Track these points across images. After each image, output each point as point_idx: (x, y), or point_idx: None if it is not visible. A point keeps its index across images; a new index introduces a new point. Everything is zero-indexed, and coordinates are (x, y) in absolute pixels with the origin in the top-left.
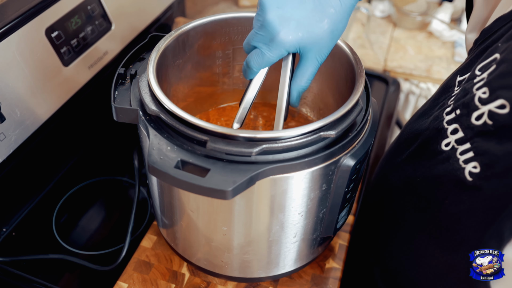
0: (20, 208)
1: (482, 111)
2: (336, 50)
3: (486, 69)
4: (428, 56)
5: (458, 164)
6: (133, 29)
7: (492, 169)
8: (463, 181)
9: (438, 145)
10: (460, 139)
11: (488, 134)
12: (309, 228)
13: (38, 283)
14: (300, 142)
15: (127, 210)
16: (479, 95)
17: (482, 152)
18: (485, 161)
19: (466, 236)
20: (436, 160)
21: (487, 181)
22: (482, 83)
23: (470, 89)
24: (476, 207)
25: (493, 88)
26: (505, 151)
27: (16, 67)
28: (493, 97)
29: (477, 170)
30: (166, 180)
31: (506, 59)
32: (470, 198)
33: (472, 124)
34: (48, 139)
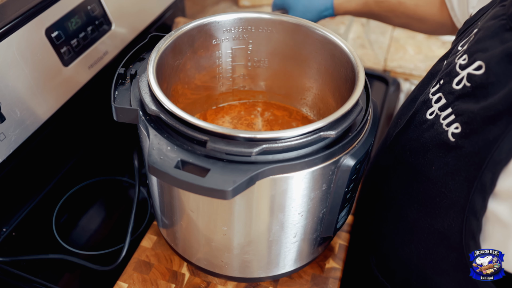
0: (20, 208)
1: (462, 75)
2: (336, 50)
3: (466, 42)
4: (428, 56)
5: (442, 128)
6: (133, 29)
7: (470, 125)
8: (447, 143)
9: (423, 115)
10: (443, 105)
11: (466, 95)
12: (309, 228)
13: (38, 283)
14: (300, 142)
15: (127, 210)
16: (459, 63)
17: (462, 112)
18: (464, 119)
19: (453, 198)
20: (421, 129)
21: (467, 138)
22: (463, 52)
23: (452, 61)
24: (460, 166)
25: (471, 52)
26: (481, 107)
27: (16, 67)
28: (471, 60)
29: (459, 130)
30: (166, 180)
31: (482, 27)
32: (454, 159)
33: (453, 89)
34: (48, 139)
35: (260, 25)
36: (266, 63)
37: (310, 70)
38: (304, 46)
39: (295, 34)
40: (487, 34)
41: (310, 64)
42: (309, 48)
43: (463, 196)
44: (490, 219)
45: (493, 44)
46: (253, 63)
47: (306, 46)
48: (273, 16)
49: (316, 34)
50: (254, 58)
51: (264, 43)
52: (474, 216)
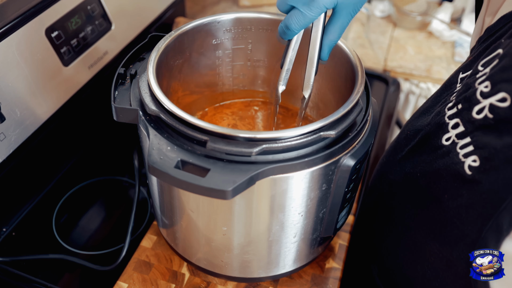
0: (20, 208)
1: (483, 104)
2: (336, 50)
3: (488, 64)
4: (428, 56)
5: (458, 158)
6: (133, 29)
7: (491, 162)
8: (463, 175)
9: (438, 139)
10: (460, 133)
11: (488, 128)
12: (309, 228)
13: (38, 283)
14: (300, 142)
15: (127, 210)
16: (481, 89)
17: (482, 145)
18: (485, 154)
19: (465, 231)
20: (436, 155)
21: (486, 174)
22: (484, 78)
23: (472, 84)
24: (475, 201)
25: (495, 81)
26: (504, 144)
27: (16, 67)
28: (494, 90)
29: (477, 163)
30: (166, 180)
31: (508, 53)
32: (469, 192)
33: (473, 118)
34: (48, 139)
35: (260, 25)
36: (266, 63)
37: None
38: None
39: None
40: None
41: None
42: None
43: (475, 232)
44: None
45: None
46: (253, 62)
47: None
48: (273, 16)
49: None
50: (254, 58)
51: (264, 43)
52: None
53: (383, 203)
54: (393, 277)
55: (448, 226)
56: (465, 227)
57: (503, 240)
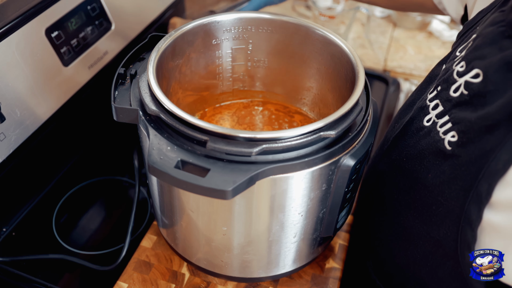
0: (20, 208)
1: (459, 83)
2: (336, 50)
3: (464, 48)
4: (428, 56)
5: (439, 136)
6: (133, 29)
7: (467, 134)
8: (443, 151)
9: (420, 122)
10: (440, 113)
11: (464, 104)
12: (309, 228)
13: (38, 283)
14: (300, 142)
15: (127, 210)
16: (457, 70)
17: (459, 120)
18: (461, 128)
19: (449, 207)
20: (418, 136)
21: (464, 147)
22: (460, 59)
23: (450, 67)
24: (456, 175)
25: (469, 60)
26: (478, 116)
27: (16, 67)
28: (468, 68)
29: (455, 138)
30: (166, 180)
31: (480, 34)
32: (450, 167)
33: (451, 96)
34: (48, 139)
35: (260, 25)
36: (266, 63)
37: (310, 70)
38: (304, 46)
39: (295, 34)
40: (485, 41)
41: (310, 64)
42: (309, 48)
43: (458, 205)
44: (485, 230)
45: (491, 51)
46: (253, 63)
47: (306, 46)
48: (273, 16)
49: (316, 34)
50: (254, 58)
51: (264, 43)
52: (469, 226)
53: (375, 195)
54: (386, 268)
55: (434, 205)
56: (449, 203)
57: (484, 209)
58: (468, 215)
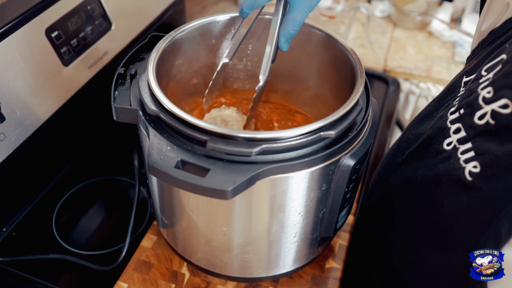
0: (20, 208)
1: (485, 110)
2: (336, 50)
3: (492, 69)
4: (428, 56)
5: (459, 164)
6: (133, 29)
7: (491, 169)
8: (463, 180)
9: (440, 144)
10: (462, 138)
11: (489, 134)
12: (309, 228)
13: (38, 283)
14: (300, 142)
15: (127, 210)
16: (483, 95)
17: (483, 151)
18: (485, 160)
19: (464, 237)
20: (437, 159)
21: (486, 181)
22: (487, 83)
23: (475, 89)
24: (475, 207)
25: (497, 87)
26: (505, 151)
27: (16, 67)
28: (496, 96)
29: (477, 170)
30: (166, 180)
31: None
32: (469, 198)
33: (475, 123)
34: (48, 139)
35: (260, 25)
36: None
37: (310, 70)
38: (304, 46)
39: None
40: None
41: (310, 64)
42: (309, 48)
43: (474, 238)
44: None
45: None
46: (253, 63)
47: (306, 46)
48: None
49: (316, 34)
50: (254, 58)
51: (264, 43)
52: None
53: (383, 206)
54: (392, 279)
55: (448, 231)
56: (464, 233)
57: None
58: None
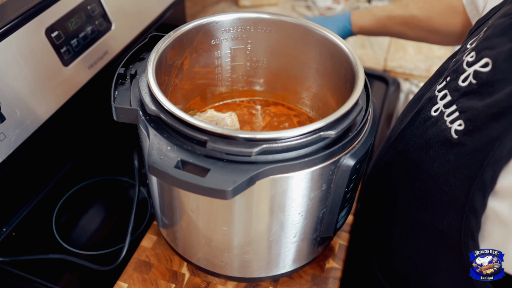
0: (20, 208)
1: (468, 72)
2: (336, 50)
3: (475, 41)
4: (428, 56)
5: (445, 125)
6: (133, 29)
7: (474, 122)
8: (450, 140)
9: (428, 112)
10: (448, 102)
11: (471, 93)
12: (309, 228)
13: (38, 283)
14: (300, 142)
15: (127, 210)
16: (467, 60)
17: (466, 109)
18: (468, 116)
19: (454, 196)
20: (425, 126)
21: (470, 135)
22: (470, 49)
23: (460, 59)
24: (461, 163)
25: (479, 50)
26: (485, 104)
27: (16, 67)
28: (478, 57)
29: (462, 127)
30: (166, 180)
31: (491, 25)
32: (456, 156)
33: (459, 86)
34: (48, 139)
35: (259, 25)
36: (265, 63)
37: (310, 70)
38: (304, 46)
39: (294, 34)
40: (496, 32)
41: (309, 64)
42: (308, 48)
43: (463, 194)
44: (489, 218)
45: (501, 41)
46: (252, 63)
47: (305, 46)
48: (272, 16)
49: (316, 34)
50: (253, 58)
51: (263, 43)
52: (474, 215)
53: (380, 187)
54: (389, 262)
55: (438, 194)
56: (454, 192)
57: (488, 197)
58: (472, 203)
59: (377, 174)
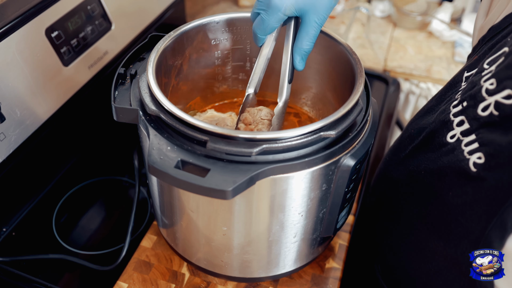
0: (20, 208)
1: (489, 102)
2: (336, 50)
3: (494, 62)
4: (428, 56)
5: (463, 155)
6: (133, 29)
7: (496, 159)
8: (467, 172)
9: (443, 137)
10: (465, 130)
11: (493, 125)
12: (309, 228)
13: (38, 283)
14: (300, 142)
15: (127, 210)
16: (486, 87)
17: (487, 142)
18: (490, 151)
19: (469, 229)
20: (440, 152)
21: (491, 171)
22: (490, 75)
23: (477, 82)
24: (480, 198)
25: (501, 78)
26: (510, 141)
27: (16, 67)
28: (500, 87)
29: (482, 160)
30: (166, 180)
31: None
32: (474, 189)
33: (478, 115)
34: (48, 139)
35: None
36: None
37: (310, 70)
38: None
39: None
40: None
41: (309, 64)
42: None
43: (479, 229)
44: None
45: None
46: (252, 63)
47: None
48: None
49: None
50: (253, 59)
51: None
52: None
53: (387, 201)
54: (396, 275)
55: (453, 223)
56: (469, 225)
57: (508, 238)
58: (489, 240)
59: (385, 187)
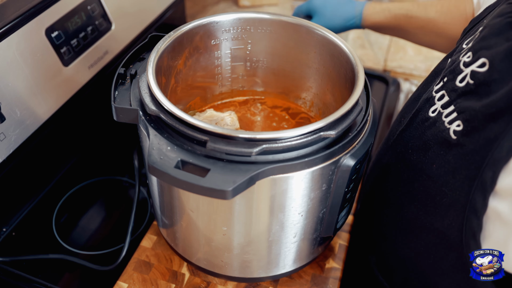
0: (20, 208)
1: (466, 72)
2: (336, 50)
3: (471, 40)
4: (428, 56)
5: (444, 126)
6: (133, 29)
7: (472, 123)
8: (448, 140)
9: (426, 113)
10: (445, 103)
11: (469, 93)
12: (309, 228)
13: (38, 283)
14: (300, 142)
15: (127, 210)
16: (463, 60)
17: (464, 109)
18: (466, 117)
19: (454, 197)
20: (424, 127)
21: (468, 136)
22: (467, 50)
23: (456, 59)
24: (461, 165)
25: (476, 50)
26: (482, 104)
27: (16, 67)
28: (475, 58)
29: (460, 128)
30: (166, 180)
31: (487, 25)
32: (455, 157)
33: (456, 86)
34: (48, 139)
35: (259, 25)
36: (265, 63)
37: (310, 70)
38: (304, 46)
39: (295, 34)
40: (492, 32)
41: (309, 64)
42: (308, 48)
43: (463, 195)
44: (490, 218)
45: (498, 41)
46: (252, 63)
47: (305, 46)
48: (272, 16)
49: (316, 34)
50: (253, 59)
51: (263, 43)
52: (475, 215)
53: (379, 188)
54: (389, 262)
55: (438, 195)
56: (454, 193)
57: (489, 197)
58: (473, 203)
59: (376, 175)
